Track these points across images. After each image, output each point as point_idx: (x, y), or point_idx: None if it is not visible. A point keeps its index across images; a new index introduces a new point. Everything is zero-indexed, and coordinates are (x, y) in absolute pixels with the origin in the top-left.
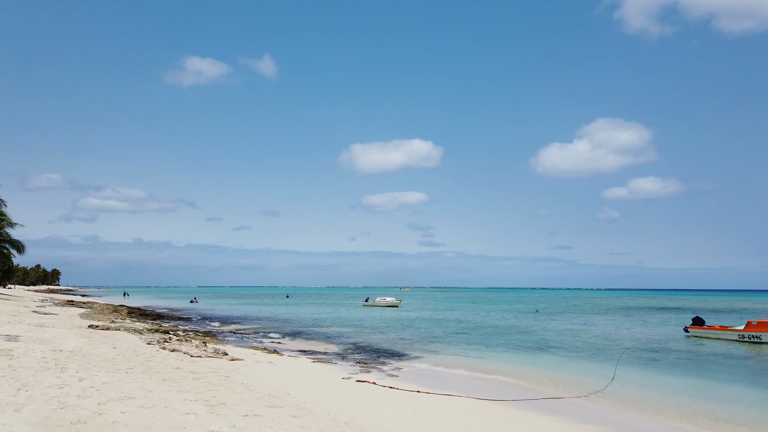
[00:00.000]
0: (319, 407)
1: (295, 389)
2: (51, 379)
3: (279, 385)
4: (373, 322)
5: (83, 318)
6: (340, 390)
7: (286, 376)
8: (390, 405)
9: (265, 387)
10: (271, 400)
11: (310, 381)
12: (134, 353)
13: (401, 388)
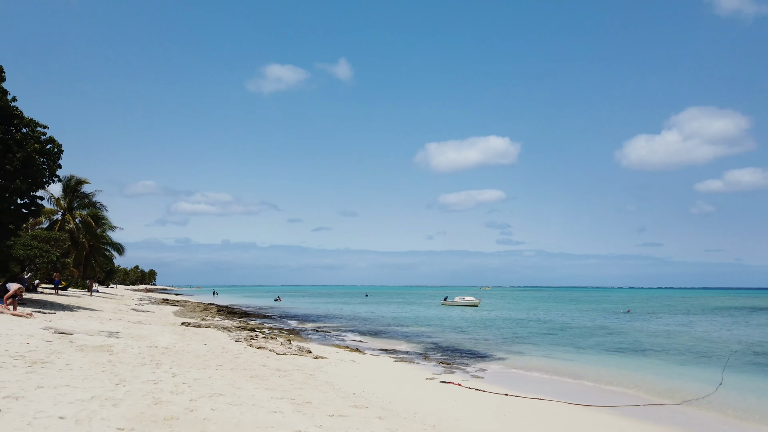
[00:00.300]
0: (404, 409)
1: (380, 389)
2: (146, 374)
3: (363, 385)
4: (453, 321)
5: (177, 316)
6: (424, 391)
7: (369, 375)
8: (477, 408)
9: (349, 386)
10: (355, 400)
11: (393, 381)
12: (223, 350)
13: (488, 391)
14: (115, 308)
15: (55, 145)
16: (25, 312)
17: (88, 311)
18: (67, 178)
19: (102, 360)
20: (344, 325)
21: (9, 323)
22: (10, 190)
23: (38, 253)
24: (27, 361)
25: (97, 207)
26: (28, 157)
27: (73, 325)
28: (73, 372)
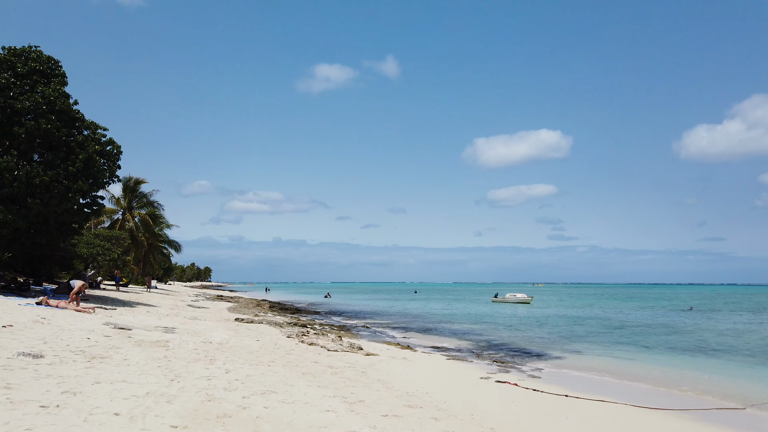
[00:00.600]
0: (460, 409)
1: (433, 388)
2: (200, 370)
3: (416, 384)
4: (505, 318)
5: (230, 312)
6: (479, 391)
7: (421, 373)
8: (537, 410)
9: (402, 385)
10: (409, 400)
11: (447, 380)
12: (275, 346)
13: (546, 391)
14: (172, 304)
15: (115, 146)
16: (88, 308)
17: (146, 307)
18: (126, 179)
19: (158, 355)
20: (394, 321)
21: (72, 318)
22: (73, 191)
23: (100, 251)
24: (87, 356)
25: (155, 206)
26: (89, 158)
27: (132, 321)
28: (129, 367)
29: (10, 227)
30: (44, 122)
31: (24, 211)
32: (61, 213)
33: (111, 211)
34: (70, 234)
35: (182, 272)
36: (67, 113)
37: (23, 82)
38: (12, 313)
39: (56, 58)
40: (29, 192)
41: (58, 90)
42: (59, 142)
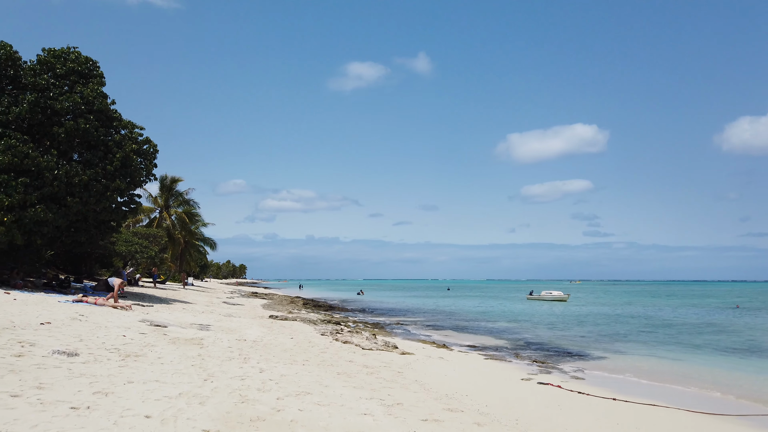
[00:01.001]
0: (503, 413)
1: (473, 390)
2: (234, 369)
3: (454, 385)
4: (541, 316)
5: (265, 308)
6: (521, 393)
7: (459, 374)
8: (585, 415)
9: (440, 386)
10: (449, 402)
11: (486, 381)
12: (309, 344)
13: (593, 394)
14: (207, 301)
15: (151, 145)
16: (125, 305)
17: (182, 304)
18: (163, 177)
19: (192, 354)
20: (428, 319)
21: (110, 315)
22: (111, 189)
23: (138, 248)
24: (121, 354)
25: (191, 204)
26: (126, 157)
27: (168, 318)
28: (163, 366)
29: (51, 225)
30: (83, 122)
31: (64, 209)
32: (99, 211)
33: (148, 209)
34: (108, 232)
35: (218, 269)
36: (104, 113)
37: (62, 83)
38: (51, 310)
39: (95, 59)
40: (69, 191)
41: (96, 90)
42: (97, 141)
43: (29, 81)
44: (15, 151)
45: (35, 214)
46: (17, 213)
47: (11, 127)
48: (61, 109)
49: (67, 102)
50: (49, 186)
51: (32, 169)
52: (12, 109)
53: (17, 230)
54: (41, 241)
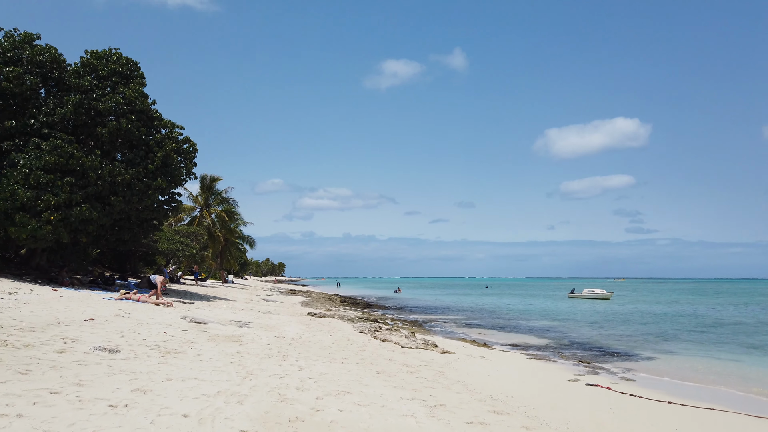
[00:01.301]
0: (552, 417)
1: (518, 391)
2: (273, 367)
3: (498, 385)
4: (584, 315)
5: (303, 306)
6: (569, 395)
7: (503, 374)
8: (640, 419)
9: (484, 386)
10: (494, 404)
11: (531, 382)
12: (348, 342)
13: (646, 397)
14: (247, 298)
15: (191, 144)
16: (167, 302)
17: (222, 301)
18: (203, 177)
19: (231, 351)
20: (467, 317)
21: (152, 312)
22: (152, 188)
23: (180, 246)
24: (161, 351)
25: (230, 203)
26: (167, 156)
27: (208, 315)
28: (202, 363)
29: (96, 224)
30: (125, 122)
31: (108, 208)
32: (141, 210)
33: (189, 208)
34: (150, 230)
35: (257, 267)
36: (145, 113)
37: (105, 84)
38: (96, 307)
39: (135, 60)
40: (112, 190)
41: (137, 90)
42: (139, 141)
43: (73, 83)
44: (61, 152)
45: (80, 212)
46: (63, 212)
47: (57, 128)
48: (104, 109)
49: (109, 103)
50: (94, 185)
51: (77, 169)
52: (57, 110)
53: (64, 229)
54: (86, 240)
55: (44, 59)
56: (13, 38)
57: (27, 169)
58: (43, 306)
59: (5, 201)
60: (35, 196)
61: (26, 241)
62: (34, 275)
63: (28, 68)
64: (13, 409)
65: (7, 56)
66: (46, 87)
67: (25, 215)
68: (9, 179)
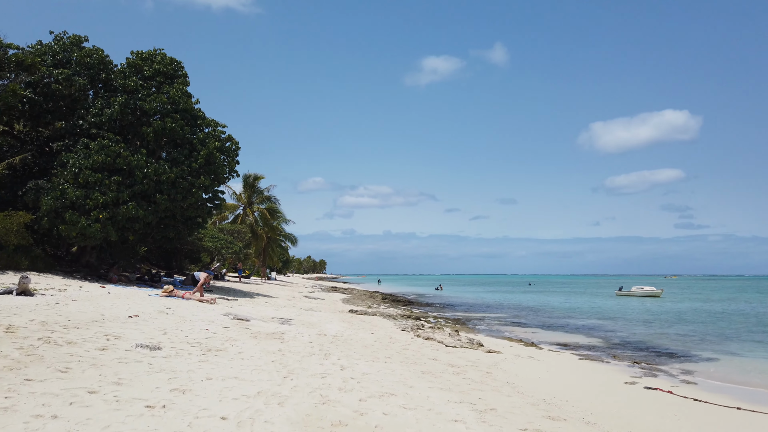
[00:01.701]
0: (613, 424)
1: (573, 395)
2: (315, 366)
3: (550, 388)
4: (634, 313)
5: (344, 303)
6: (628, 399)
7: (554, 375)
8: (708, 426)
9: (535, 389)
10: (548, 409)
11: (586, 384)
12: (390, 340)
13: (712, 402)
14: (289, 295)
15: (233, 142)
16: (210, 298)
17: (265, 298)
18: (246, 175)
19: (272, 348)
20: (511, 315)
21: (195, 309)
22: (196, 186)
23: (224, 244)
24: (203, 349)
25: (272, 201)
26: (210, 154)
27: (251, 312)
28: (243, 362)
29: (142, 222)
30: (169, 121)
31: (153, 206)
32: (186, 208)
33: (233, 206)
34: (195, 227)
35: (299, 264)
36: (189, 112)
37: (150, 84)
38: (141, 304)
39: (180, 60)
40: (157, 188)
41: (181, 90)
42: (183, 139)
43: (119, 83)
44: (108, 151)
45: (127, 211)
46: (111, 210)
47: (104, 128)
48: (149, 109)
49: (154, 102)
50: (140, 184)
51: (124, 168)
52: (105, 111)
53: (112, 227)
54: (133, 237)
55: (92, 61)
56: (62, 41)
57: (76, 168)
58: (90, 303)
59: (56, 200)
60: (84, 195)
61: (76, 239)
62: (84, 272)
63: (77, 70)
64: (49, 409)
65: (56, 59)
66: (94, 88)
67: (75, 213)
68: (59, 178)
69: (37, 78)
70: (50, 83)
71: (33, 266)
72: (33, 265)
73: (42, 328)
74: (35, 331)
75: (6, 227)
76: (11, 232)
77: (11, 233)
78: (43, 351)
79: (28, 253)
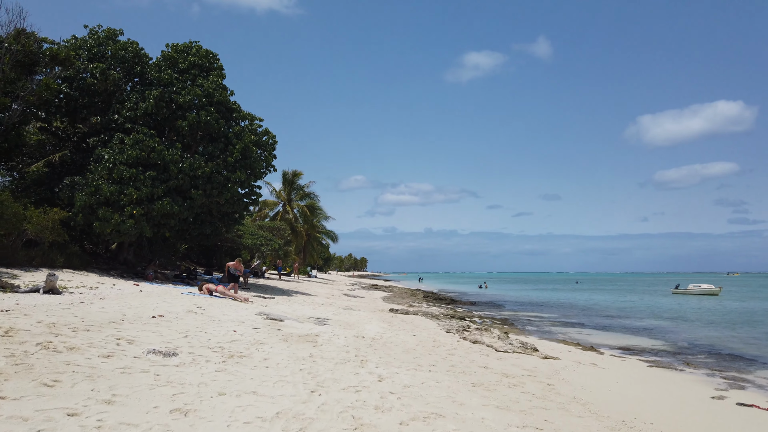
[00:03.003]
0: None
1: (655, 414)
2: (349, 376)
3: (626, 405)
4: (695, 313)
5: (385, 301)
6: (723, 420)
7: (625, 387)
8: None
9: (610, 407)
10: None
11: (666, 399)
12: (434, 343)
13: None
14: (328, 293)
15: (270, 136)
16: (245, 296)
17: (303, 296)
18: (285, 172)
19: (303, 354)
20: (561, 315)
21: (227, 308)
22: (232, 181)
23: (263, 241)
24: (224, 354)
25: (312, 197)
26: (245, 148)
27: (286, 311)
28: (267, 371)
29: (177, 218)
30: (204, 114)
31: (189, 202)
32: (222, 203)
33: (272, 203)
34: (232, 223)
35: (341, 262)
36: (224, 104)
37: (185, 77)
38: (171, 302)
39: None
40: (192, 183)
41: (215, 82)
42: (218, 133)
43: (154, 77)
44: (142, 146)
45: (162, 206)
46: (146, 206)
47: (139, 122)
48: (184, 102)
49: (188, 95)
50: (174, 179)
51: (158, 163)
52: (140, 105)
53: (146, 223)
54: (170, 234)
55: (127, 54)
56: (96, 35)
57: (110, 163)
58: (118, 301)
59: (90, 196)
60: (118, 191)
61: (111, 235)
62: (121, 270)
63: (112, 64)
64: None
65: (91, 53)
66: (130, 82)
67: (108, 209)
68: (94, 174)
69: (73, 73)
70: (85, 78)
71: (68, 263)
72: (68, 263)
73: (47, 330)
74: (37, 335)
75: (41, 224)
76: (46, 229)
77: (46, 230)
78: (36, 359)
79: (63, 250)
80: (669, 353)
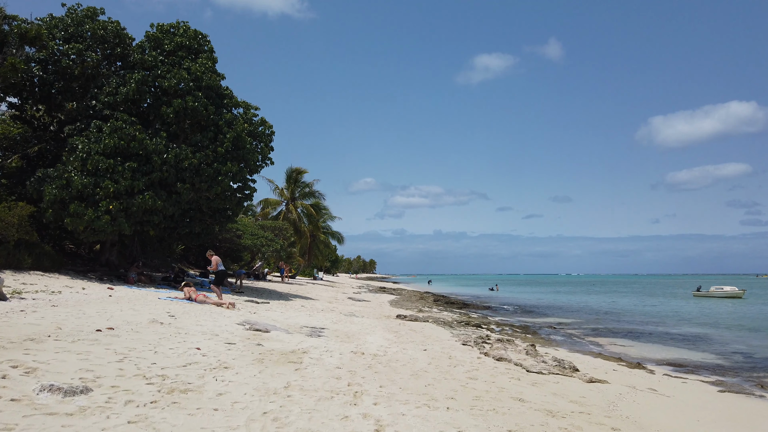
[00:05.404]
0: None
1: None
2: (333, 423)
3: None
4: (726, 318)
5: (392, 306)
6: None
7: (709, 428)
8: None
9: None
10: None
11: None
12: (450, 361)
13: None
14: (331, 297)
15: (266, 126)
16: (229, 302)
17: (303, 300)
18: (288, 169)
19: (277, 384)
20: (584, 321)
21: (205, 316)
22: (222, 173)
23: (264, 242)
24: (162, 389)
25: (317, 196)
26: (238, 138)
27: (276, 319)
28: (213, 417)
29: (161, 214)
30: (191, 99)
31: (175, 196)
32: (212, 198)
33: (275, 202)
34: (224, 221)
35: (349, 264)
36: (214, 89)
37: (170, 60)
38: (138, 310)
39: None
40: (179, 176)
41: (204, 65)
42: (207, 121)
43: (137, 59)
44: (121, 134)
45: (143, 201)
46: (124, 201)
47: (120, 108)
48: (169, 87)
49: (174, 79)
50: (158, 171)
51: (140, 153)
52: (120, 89)
53: (125, 219)
54: (154, 232)
55: (107, 34)
56: (75, 13)
57: (84, 153)
58: (71, 309)
59: (61, 189)
60: (93, 183)
61: (84, 233)
62: (101, 272)
63: (90, 45)
64: None
65: (68, 32)
66: (110, 65)
67: (81, 204)
68: (66, 165)
69: (47, 54)
70: (61, 60)
71: (38, 265)
72: (38, 264)
73: None
74: None
75: (5, 220)
76: (12, 226)
77: (12, 227)
78: None
79: (32, 250)
80: (729, 370)
